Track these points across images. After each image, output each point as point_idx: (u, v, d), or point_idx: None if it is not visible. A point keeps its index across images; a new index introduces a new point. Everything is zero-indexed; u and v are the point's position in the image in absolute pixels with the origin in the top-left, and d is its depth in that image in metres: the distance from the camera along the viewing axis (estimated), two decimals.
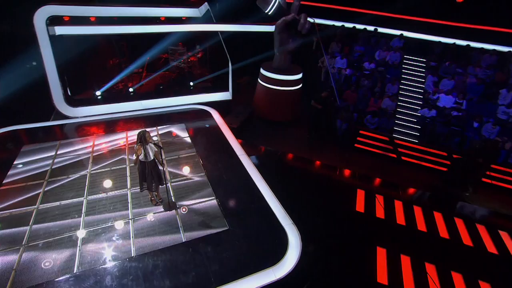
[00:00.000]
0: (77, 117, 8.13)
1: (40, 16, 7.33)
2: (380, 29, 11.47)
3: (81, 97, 9.00)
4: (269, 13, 8.84)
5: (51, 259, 4.22)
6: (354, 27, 11.82)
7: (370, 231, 5.65)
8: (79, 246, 4.45)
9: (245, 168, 6.47)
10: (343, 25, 11.85)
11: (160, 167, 4.96)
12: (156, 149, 4.71)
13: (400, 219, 6.04)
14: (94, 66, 10.23)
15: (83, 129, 7.82)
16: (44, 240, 4.51)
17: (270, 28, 9.41)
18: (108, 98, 9.11)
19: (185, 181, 5.97)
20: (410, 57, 10.72)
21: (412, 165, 7.97)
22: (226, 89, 10.60)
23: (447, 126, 8.88)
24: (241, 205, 5.50)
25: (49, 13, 7.41)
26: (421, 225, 5.93)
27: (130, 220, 4.93)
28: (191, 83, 10.87)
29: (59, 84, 7.82)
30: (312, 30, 10.99)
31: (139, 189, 5.06)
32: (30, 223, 4.78)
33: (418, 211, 6.30)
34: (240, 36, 9.91)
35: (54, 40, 7.66)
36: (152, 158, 4.65)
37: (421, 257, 5.09)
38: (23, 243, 4.44)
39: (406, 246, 5.32)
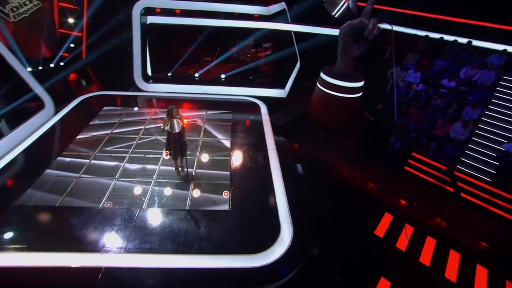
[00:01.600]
0: (147, 92, 9.72)
1: (138, 7, 9.05)
2: (475, 42, 9.59)
3: (156, 76, 10.65)
4: (336, 16, 8.58)
5: (85, 194, 5.37)
6: (441, 38, 10.20)
7: (379, 258, 5.05)
8: (110, 190, 5.48)
9: (268, 162, 6.61)
10: (427, 35, 10.39)
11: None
12: (182, 124, 5.34)
13: (426, 258, 5.17)
14: (174, 51, 11.89)
15: (148, 101, 9.33)
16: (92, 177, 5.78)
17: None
18: (177, 79, 10.51)
19: (210, 161, 6.52)
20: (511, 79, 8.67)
21: (472, 205, 6.58)
22: (283, 87, 10.79)
23: None
24: (249, 194, 5.69)
25: (144, 5, 9.07)
26: (451, 274, 4.95)
27: (152, 181, 5.75)
28: (251, 77, 11.48)
29: (140, 63, 9.50)
30: (388, 38, 10.08)
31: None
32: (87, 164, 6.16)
33: (454, 256, 5.26)
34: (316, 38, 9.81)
35: (145, 27, 9.33)
36: (177, 131, 5.30)
37: None
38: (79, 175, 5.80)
39: None
